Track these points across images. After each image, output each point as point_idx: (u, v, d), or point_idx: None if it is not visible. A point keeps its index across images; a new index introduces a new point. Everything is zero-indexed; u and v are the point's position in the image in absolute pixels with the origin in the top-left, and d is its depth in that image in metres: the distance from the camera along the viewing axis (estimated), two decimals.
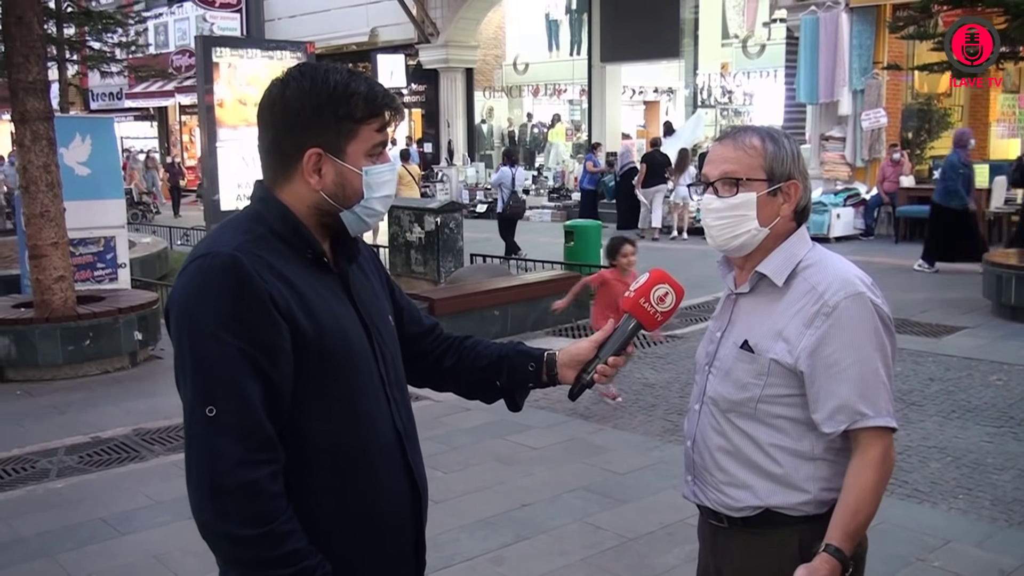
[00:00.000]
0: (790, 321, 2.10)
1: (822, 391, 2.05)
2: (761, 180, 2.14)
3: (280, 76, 1.87)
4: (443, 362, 2.21)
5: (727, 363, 2.18)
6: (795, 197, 2.17)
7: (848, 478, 2.03)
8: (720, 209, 2.16)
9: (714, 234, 2.20)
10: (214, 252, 1.75)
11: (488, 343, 2.24)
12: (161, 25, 31.71)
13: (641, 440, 6.20)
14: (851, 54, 16.29)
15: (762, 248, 2.17)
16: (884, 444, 2.04)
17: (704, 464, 2.23)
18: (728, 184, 2.15)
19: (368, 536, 1.87)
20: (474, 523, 4.90)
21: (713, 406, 2.21)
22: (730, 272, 2.29)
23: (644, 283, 2.13)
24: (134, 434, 6.45)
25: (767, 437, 2.12)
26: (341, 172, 1.84)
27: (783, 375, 2.09)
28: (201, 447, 1.70)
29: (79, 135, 9.72)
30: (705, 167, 2.24)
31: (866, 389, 2.03)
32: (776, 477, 2.12)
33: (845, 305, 2.05)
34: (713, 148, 2.25)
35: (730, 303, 2.26)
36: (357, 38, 25.91)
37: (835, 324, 2.04)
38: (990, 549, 4.50)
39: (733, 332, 2.21)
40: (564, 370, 2.14)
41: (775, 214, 2.15)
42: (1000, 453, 5.74)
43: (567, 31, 25.32)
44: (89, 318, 8.05)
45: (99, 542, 4.77)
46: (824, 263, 2.14)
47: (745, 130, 2.21)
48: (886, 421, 2.04)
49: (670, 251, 15.52)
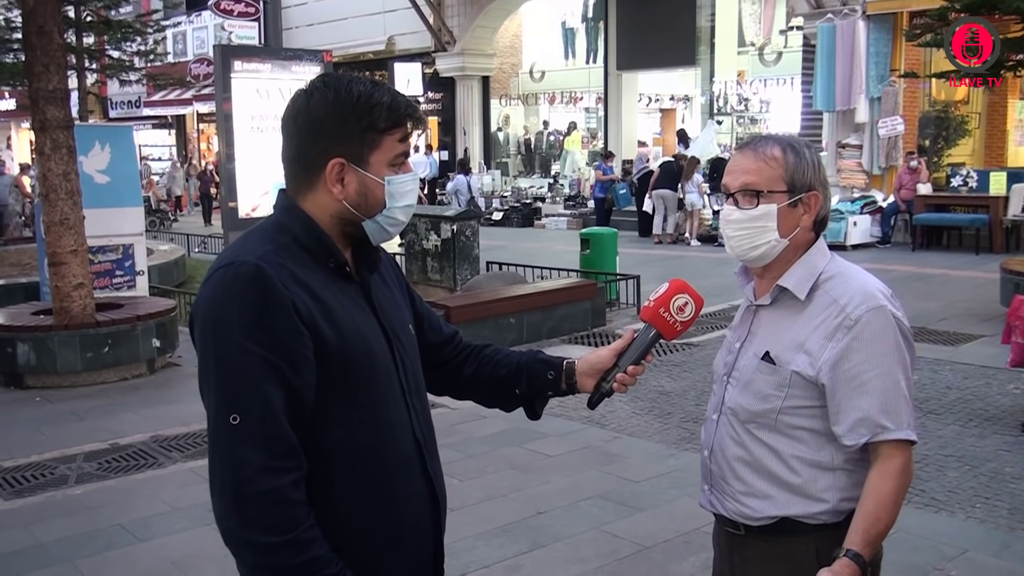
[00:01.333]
0: (812, 334, 2.11)
1: (843, 404, 2.06)
2: (782, 192, 2.14)
3: (304, 87, 1.89)
4: (463, 370, 2.22)
5: (747, 374, 2.19)
6: (815, 208, 2.17)
7: (868, 486, 2.04)
8: (740, 220, 2.16)
9: (733, 244, 2.20)
10: (239, 261, 1.77)
11: (507, 351, 2.25)
12: (179, 34, 31.90)
13: (657, 448, 6.20)
14: (868, 61, 16.25)
15: (781, 259, 2.17)
16: (904, 456, 2.06)
17: (722, 474, 2.24)
18: (749, 195, 2.15)
19: (388, 544, 1.88)
20: (491, 531, 4.91)
21: (732, 416, 2.22)
22: (749, 282, 2.30)
23: (664, 293, 2.13)
24: (152, 441, 6.49)
25: (787, 448, 2.14)
26: (364, 182, 1.86)
27: (804, 387, 2.10)
28: (225, 455, 1.71)
29: (98, 143, 9.82)
30: (725, 177, 2.22)
31: (887, 402, 2.04)
32: (795, 487, 2.13)
33: (867, 318, 2.06)
34: (733, 158, 2.23)
35: (750, 314, 2.27)
36: (374, 46, 25.99)
37: (857, 337, 2.05)
38: (1008, 558, 4.48)
39: (754, 343, 2.22)
40: (583, 379, 2.15)
41: (795, 225, 2.15)
42: (1018, 462, 5.71)
43: (583, 39, 25.34)
44: (108, 325, 8.11)
45: (118, 548, 4.80)
46: (844, 275, 2.15)
47: (766, 140, 2.20)
48: (906, 434, 2.05)
49: (685, 259, 15.50)
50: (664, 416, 6.88)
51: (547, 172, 25.65)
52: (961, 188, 15.83)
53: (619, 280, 11.16)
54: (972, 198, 15.62)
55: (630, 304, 10.90)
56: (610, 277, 11.05)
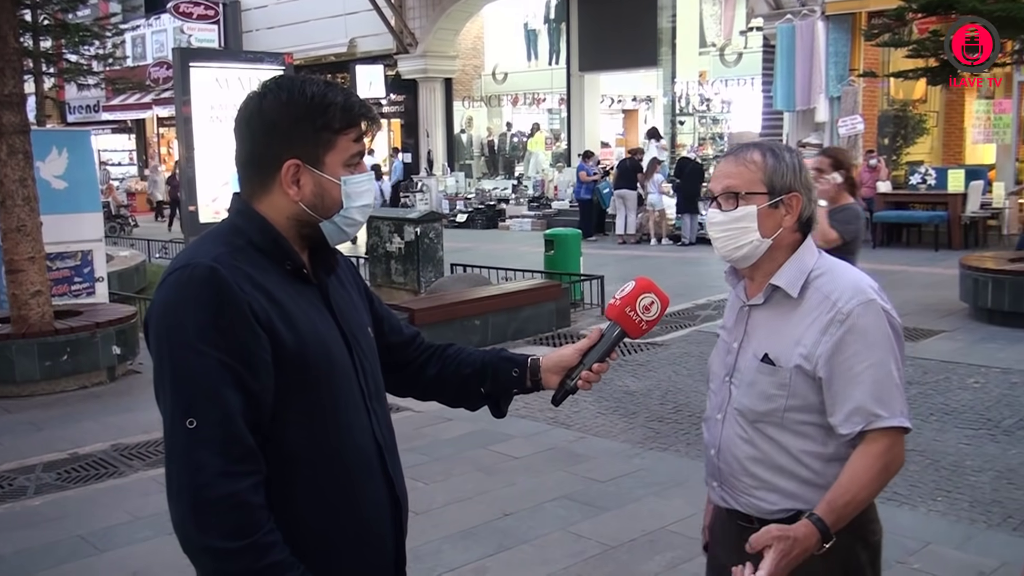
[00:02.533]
0: (807, 330, 2.18)
1: (839, 395, 2.13)
2: (762, 193, 2.22)
3: (257, 89, 1.88)
4: (426, 371, 2.22)
5: (749, 375, 2.26)
6: (797, 209, 2.25)
7: (848, 462, 2.12)
8: (723, 222, 2.25)
9: (718, 245, 2.28)
10: (193, 264, 1.75)
11: (471, 350, 2.25)
12: (138, 37, 31.56)
13: (622, 448, 6.21)
14: (827, 61, 16.41)
15: (768, 258, 2.25)
16: (890, 439, 2.12)
17: (732, 471, 2.30)
18: (729, 198, 2.24)
19: (348, 548, 1.87)
20: (456, 534, 4.89)
21: (740, 417, 2.28)
22: (739, 282, 2.37)
23: (630, 292, 2.15)
24: (113, 449, 6.41)
25: (795, 443, 2.21)
26: (320, 182, 1.84)
27: (805, 383, 2.18)
28: (182, 459, 1.69)
29: (55, 148, 9.67)
30: (710, 182, 2.34)
31: (880, 392, 2.12)
32: (805, 480, 2.20)
33: (858, 312, 2.14)
34: (718, 164, 2.34)
35: (744, 314, 2.33)
36: (336, 49, 25.87)
37: (849, 330, 2.13)
38: (969, 551, 4.53)
39: (751, 344, 2.29)
40: (548, 375, 2.16)
41: (777, 225, 2.24)
42: (978, 455, 5.78)
43: (545, 40, 25.35)
44: (66, 333, 8.00)
45: (78, 560, 4.73)
46: (834, 271, 2.24)
47: (748, 146, 2.30)
48: (900, 421, 2.12)
49: (648, 259, 15.57)
50: (629, 416, 6.90)
51: (511, 174, 25.64)
52: (920, 186, 16.03)
53: (583, 281, 11.19)
54: (931, 196, 15.83)
55: (594, 304, 10.92)
56: (574, 278, 11.07)
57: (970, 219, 15.33)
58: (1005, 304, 9.44)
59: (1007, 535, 4.71)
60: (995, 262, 10.14)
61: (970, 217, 15.30)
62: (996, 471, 5.54)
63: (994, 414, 6.59)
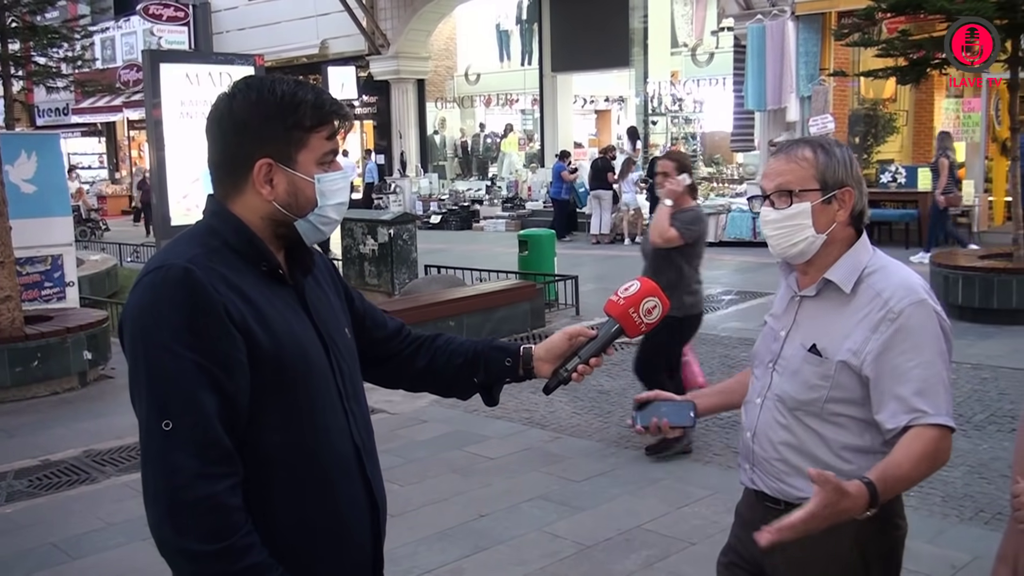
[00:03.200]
0: (857, 326, 2.21)
1: (886, 393, 2.16)
2: (815, 190, 2.25)
3: (227, 89, 1.87)
4: (415, 362, 2.23)
5: (795, 364, 2.30)
6: (850, 203, 2.28)
7: (901, 443, 2.11)
8: (777, 220, 2.28)
9: (773, 243, 2.32)
10: (167, 265, 1.74)
11: (461, 340, 2.26)
12: (108, 39, 31.28)
13: (598, 447, 6.22)
14: (798, 61, 16.51)
15: (823, 253, 2.29)
16: (938, 436, 2.12)
17: (766, 455, 2.35)
18: (783, 196, 2.27)
19: (326, 550, 1.86)
20: (432, 535, 4.89)
21: (779, 403, 2.32)
22: (791, 273, 2.41)
23: (635, 293, 2.17)
24: (85, 456, 6.35)
25: (831, 434, 2.25)
26: (293, 181, 1.84)
27: (849, 377, 2.21)
28: (158, 462, 1.67)
29: (24, 152, 9.55)
30: (762, 181, 2.36)
31: (927, 390, 2.13)
32: (838, 470, 2.19)
33: (909, 311, 2.16)
34: (769, 162, 2.36)
35: (794, 304, 2.37)
36: (307, 50, 25.76)
37: (900, 329, 2.16)
38: (942, 545, 4.57)
39: (799, 333, 2.32)
40: (540, 364, 2.19)
41: (831, 221, 2.26)
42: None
43: (518, 41, 25.35)
44: (37, 338, 7.92)
45: (50, 567, 4.68)
46: (887, 269, 2.27)
47: (799, 143, 2.32)
48: (945, 420, 2.13)
49: (622, 259, 15.59)
50: (604, 415, 6.91)
51: (484, 175, 25.62)
52: (890, 184, 16.14)
53: (557, 281, 11.20)
54: (901, 194, 15.95)
55: (568, 305, 10.94)
56: (548, 278, 11.08)
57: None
58: (975, 301, 9.54)
59: (979, 529, 4.75)
60: (965, 259, 10.25)
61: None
62: (968, 466, 5.60)
63: (965, 410, 6.65)
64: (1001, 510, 4.82)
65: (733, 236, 16.33)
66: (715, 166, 21.55)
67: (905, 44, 10.48)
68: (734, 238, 16.31)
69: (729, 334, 9.20)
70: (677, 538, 4.75)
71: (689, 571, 4.39)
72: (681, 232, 5.67)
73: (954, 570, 4.31)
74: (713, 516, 4.95)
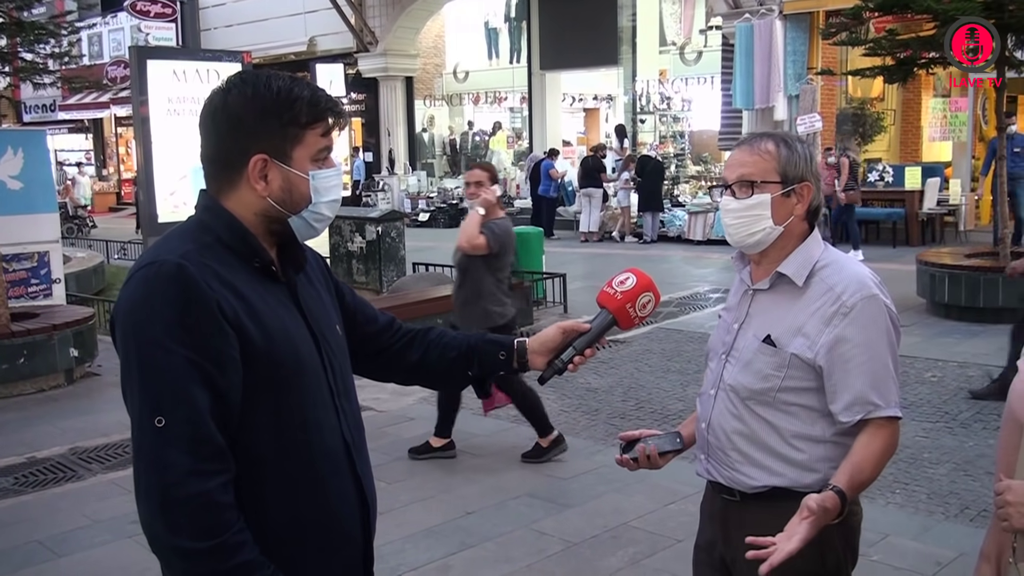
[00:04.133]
0: (809, 319, 2.27)
1: (839, 384, 2.23)
2: (775, 182, 2.31)
3: (221, 84, 1.86)
4: (408, 356, 2.22)
5: (748, 355, 2.35)
6: (808, 198, 2.34)
7: (857, 444, 2.22)
8: (737, 209, 2.33)
9: (731, 232, 2.37)
10: (160, 261, 1.73)
11: (453, 334, 2.26)
12: (95, 35, 31.13)
13: (585, 445, 6.22)
14: (785, 60, 16.54)
15: (777, 246, 2.34)
16: (892, 429, 2.25)
17: (720, 445, 2.40)
18: (744, 186, 2.32)
19: (318, 547, 1.86)
20: (419, 532, 4.89)
21: (732, 393, 2.37)
22: (745, 267, 2.46)
23: (632, 288, 2.19)
24: (71, 453, 6.33)
25: (783, 423, 2.30)
26: (288, 177, 1.83)
27: (801, 368, 2.27)
28: (150, 458, 1.67)
29: (11, 148, 9.53)
30: (724, 171, 2.42)
31: (878, 383, 2.22)
32: (789, 459, 2.29)
33: (861, 306, 2.23)
34: (732, 154, 2.42)
35: (747, 297, 2.42)
36: (295, 47, 25.67)
37: (851, 323, 2.23)
38: (927, 542, 4.59)
39: (752, 325, 2.38)
40: (534, 357, 2.20)
41: (789, 214, 2.32)
42: (935, 448, 5.86)
43: (507, 39, 25.32)
44: (23, 335, 7.89)
45: (35, 565, 4.66)
46: (839, 263, 2.33)
47: (761, 136, 2.38)
48: (894, 411, 2.24)
49: (611, 256, 15.61)
50: (591, 413, 6.92)
51: None
52: (878, 183, 16.21)
53: (545, 279, 11.20)
54: (888, 193, 16.02)
55: (556, 303, 10.95)
56: (536, 276, 11.08)
57: (927, 216, 15.53)
58: (962, 299, 9.59)
59: (964, 526, 4.78)
60: (952, 258, 10.30)
61: (927, 214, 15.50)
62: (954, 463, 5.62)
63: (951, 407, 6.68)
64: (986, 507, 4.85)
65: (721, 234, 16.21)
66: (703, 164, 21.58)
67: (892, 43, 10.51)
68: (722, 236, 16.21)
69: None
70: (663, 535, 4.76)
71: (676, 567, 4.40)
72: (489, 240, 5.67)
73: (939, 567, 4.33)
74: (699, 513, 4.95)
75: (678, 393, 7.35)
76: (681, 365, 7.95)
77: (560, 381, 2.10)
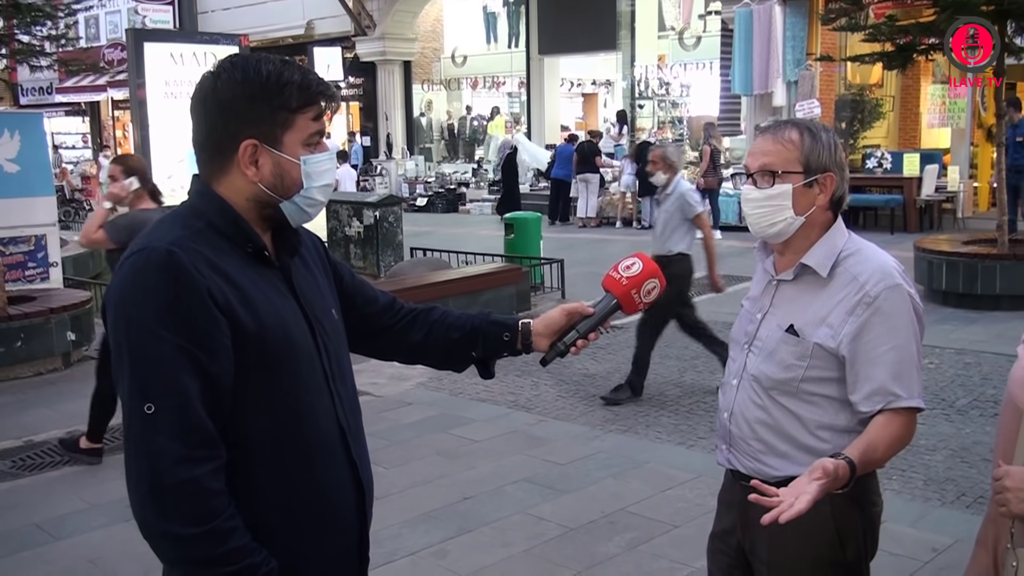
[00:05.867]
0: (834, 309, 2.25)
1: (861, 374, 2.21)
2: (797, 172, 2.28)
3: (211, 69, 1.84)
4: (410, 336, 2.22)
5: (771, 344, 2.34)
6: (830, 188, 2.32)
7: (873, 424, 2.19)
8: (758, 199, 2.31)
9: (752, 222, 2.35)
10: (150, 247, 1.72)
11: (457, 314, 2.25)
12: (92, 18, 30.98)
13: (582, 430, 6.23)
14: (784, 46, 16.48)
15: (800, 236, 2.32)
16: (910, 418, 2.22)
17: (742, 435, 2.38)
18: (766, 176, 2.30)
19: (312, 532, 1.86)
20: (416, 517, 4.89)
21: (755, 383, 2.36)
22: (768, 256, 2.44)
23: (638, 275, 2.17)
24: (68, 436, 6.31)
25: (806, 412, 2.29)
26: (279, 162, 1.82)
27: (825, 358, 2.26)
28: (140, 445, 1.67)
29: (7, 131, 9.47)
30: (747, 159, 2.38)
31: (901, 373, 2.20)
32: (812, 448, 2.27)
33: (885, 295, 2.22)
34: (755, 141, 2.39)
35: (771, 288, 2.41)
36: (293, 31, 25.60)
37: (876, 313, 2.21)
38: (924, 528, 4.60)
39: (776, 315, 2.36)
40: (539, 339, 2.20)
41: (811, 204, 2.30)
42: (932, 434, 5.87)
43: (505, 23, 25.26)
44: (20, 319, 7.87)
45: (33, 548, 4.67)
46: (862, 252, 2.31)
47: (786, 124, 2.35)
48: (916, 402, 2.22)
49: (609, 242, 15.60)
50: (589, 399, 6.92)
51: (471, 157, 25.56)
52: (876, 170, 16.18)
53: (543, 264, 11.20)
54: (887, 179, 15.99)
55: (554, 288, 10.95)
56: (534, 261, 11.07)
57: (925, 202, 15.51)
58: (959, 286, 9.59)
59: (961, 512, 4.79)
60: (949, 245, 10.29)
61: (925, 200, 15.48)
62: (950, 450, 5.63)
63: (948, 394, 6.69)
64: (983, 494, 4.87)
65: (721, 221, 16.34)
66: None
67: (892, 29, 10.47)
68: (721, 222, 16.30)
69: (714, 318, 9.21)
70: (661, 521, 4.77)
71: (672, 553, 4.41)
72: (110, 235, 5.58)
73: (935, 553, 4.34)
74: (697, 499, 4.97)
75: (675, 379, 7.35)
76: (678, 351, 7.94)
77: (557, 366, 2.11)
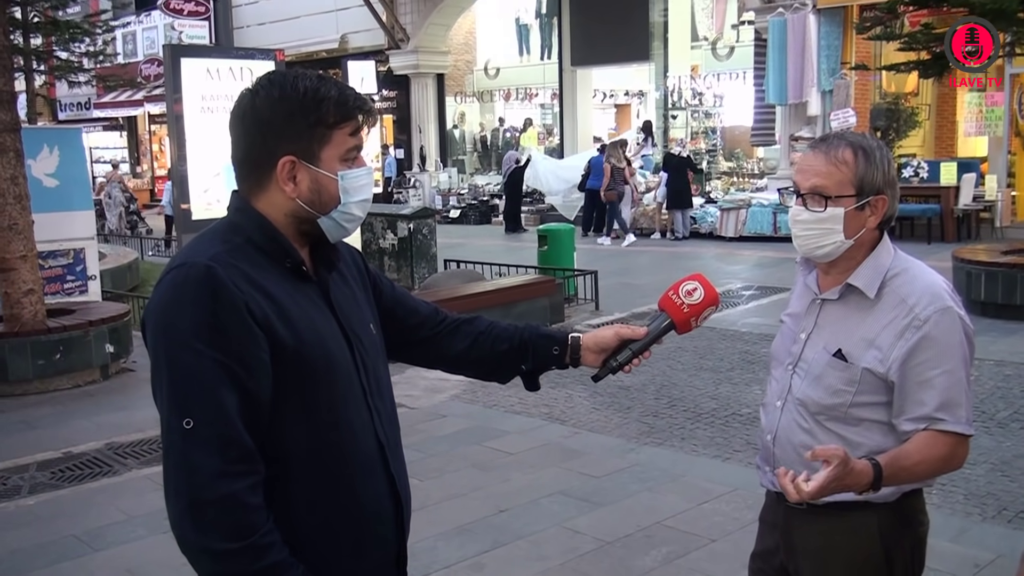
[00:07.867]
0: (881, 331, 2.19)
1: (909, 398, 2.15)
2: (850, 196, 2.20)
3: (249, 86, 1.86)
4: (455, 345, 2.22)
5: (817, 368, 2.27)
6: (882, 210, 2.24)
7: (917, 438, 2.13)
8: (808, 221, 2.23)
9: (800, 243, 2.28)
10: (189, 263, 1.74)
11: (504, 325, 2.24)
12: (129, 34, 31.44)
13: (617, 443, 6.20)
14: (819, 55, 16.40)
15: (847, 256, 2.25)
16: (956, 441, 2.15)
17: (786, 458, 2.31)
18: (817, 198, 2.21)
19: (349, 547, 1.86)
20: (452, 530, 4.89)
21: (801, 407, 2.30)
22: (810, 271, 2.38)
23: (700, 302, 2.14)
24: (107, 448, 6.38)
25: (855, 437, 2.22)
26: (316, 178, 1.83)
27: (873, 383, 2.20)
28: (178, 460, 1.67)
29: (47, 146, 9.63)
30: (796, 175, 2.29)
31: (950, 399, 2.13)
32: None
33: (935, 319, 2.14)
34: (804, 156, 2.29)
35: (815, 306, 2.34)
36: (327, 45, 25.81)
37: (925, 336, 2.14)
38: (965, 543, 4.53)
39: (822, 337, 2.29)
40: (588, 355, 2.19)
41: (861, 226, 2.22)
42: (973, 448, 5.73)
43: (537, 35, 25.34)
44: (59, 331, 7.97)
45: (72, 559, 4.71)
46: (910, 272, 2.24)
47: (839, 141, 2.24)
48: (964, 428, 2.15)
49: (643, 254, 15.55)
50: (624, 411, 6.89)
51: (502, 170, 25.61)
52: (912, 179, 16.02)
53: (577, 276, 11.18)
54: (923, 188, 15.82)
55: (588, 299, 10.92)
56: (568, 273, 11.06)
57: (963, 212, 15.34)
58: (998, 297, 9.46)
59: (1003, 528, 4.71)
60: (988, 255, 10.16)
61: (963, 210, 15.30)
62: (991, 464, 5.55)
63: (988, 407, 6.60)
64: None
65: (753, 231, 16.25)
66: (735, 160, 21.45)
67: (928, 37, 10.41)
68: (754, 233, 16.21)
69: (749, 330, 9.16)
70: (697, 535, 4.74)
71: (709, 568, 4.37)
72: None
73: (977, 569, 4.27)
74: (733, 513, 4.93)
75: (711, 391, 7.31)
76: (714, 363, 7.90)
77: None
